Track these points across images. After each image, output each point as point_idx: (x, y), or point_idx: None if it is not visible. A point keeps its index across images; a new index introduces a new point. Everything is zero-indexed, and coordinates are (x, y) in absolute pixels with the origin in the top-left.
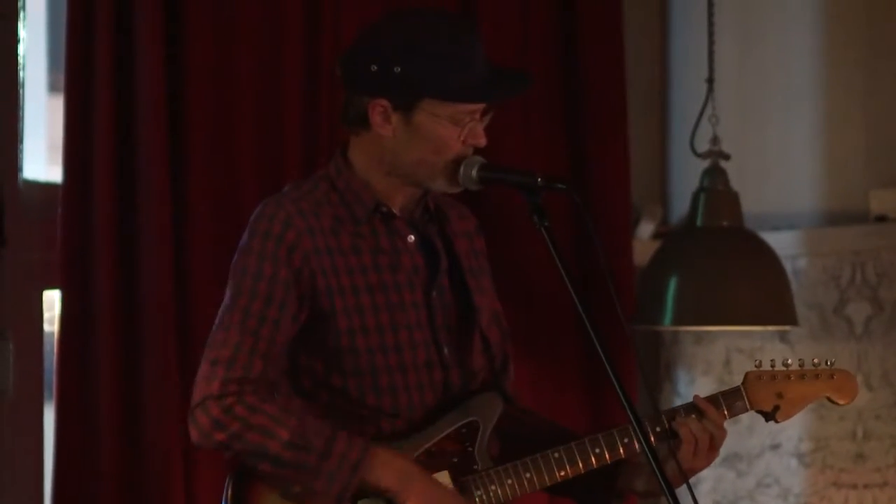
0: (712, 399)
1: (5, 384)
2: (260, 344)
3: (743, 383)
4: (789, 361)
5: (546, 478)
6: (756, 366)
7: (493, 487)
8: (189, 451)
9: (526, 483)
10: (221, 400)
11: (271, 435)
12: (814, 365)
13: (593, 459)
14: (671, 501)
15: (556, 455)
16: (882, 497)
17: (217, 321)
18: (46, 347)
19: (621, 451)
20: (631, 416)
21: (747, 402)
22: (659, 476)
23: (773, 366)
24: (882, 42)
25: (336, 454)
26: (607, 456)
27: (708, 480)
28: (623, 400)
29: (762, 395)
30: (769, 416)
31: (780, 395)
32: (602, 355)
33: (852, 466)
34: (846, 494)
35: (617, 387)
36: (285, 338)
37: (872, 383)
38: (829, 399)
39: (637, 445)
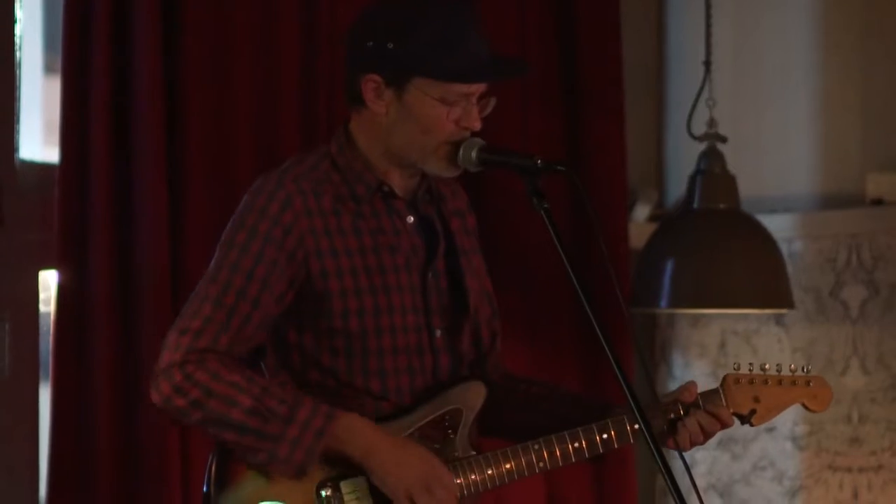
0: (694, 401)
1: (1, 364)
2: (233, 320)
3: (721, 385)
4: (766, 366)
5: (525, 469)
6: (735, 368)
7: (472, 476)
8: (186, 430)
9: (505, 473)
10: (183, 367)
11: (233, 402)
12: (791, 371)
13: (572, 454)
14: (670, 486)
15: (536, 447)
16: (877, 480)
17: (195, 290)
18: (43, 328)
19: (600, 447)
20: (630, 398)
21: (725, 404)
22: (656, 455)
23: (751, 369)
24: (879, 25)
25: (299, 421)
26: (586, 452)
27: (703, 463)
28: (622, 382)
29: (739, 399)
30: (745, 420)
31: (756, 399)
32: (601, 338)
33: (847, 449)
34: (841, 477)
35: (616, 369)
36: (263, 316)
37: (868, 367)
38: (803, 405)
39: (615, 442)
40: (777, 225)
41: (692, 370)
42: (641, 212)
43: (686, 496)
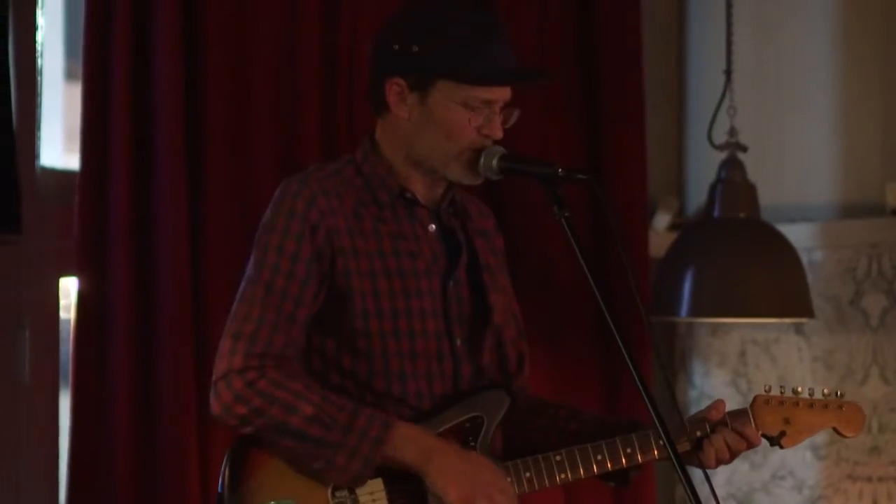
0: (721, 419)
1: (21, 371)
2: (282, 320)
3: (751, 405)
4: (799, 389)
5: (546, 479)
6: (766, 390)
7: None
8: (205, 436)
9: (525, 482)
10: (244, 374)
11: (294, 410)
12: (823, 395)
13: (595, 466)
14: (689, 495)
15: (558, 458)
16: None
17: (239, 295)
18: (63, 335)
19: (623, 460)
20: (648, 404)
21: (754, 425)
22: (676, 465)
23: (782, 391)
24: None
25: (358, 429)
26: (609, 464)
27: (723, 472)
28: (641, 389)
29: (769, 420)
30: (774, 441)
31: (787, 422)
32: (621, 346)
33: (867, 459)
34: (861, 487)
35: (636, 377)
36: (306, 315)
37: (888, 376)
38: (835, 430)
39: (640, 456)
40: (797, 234)
41: (712, 379)
42: (662, 220)
43: None
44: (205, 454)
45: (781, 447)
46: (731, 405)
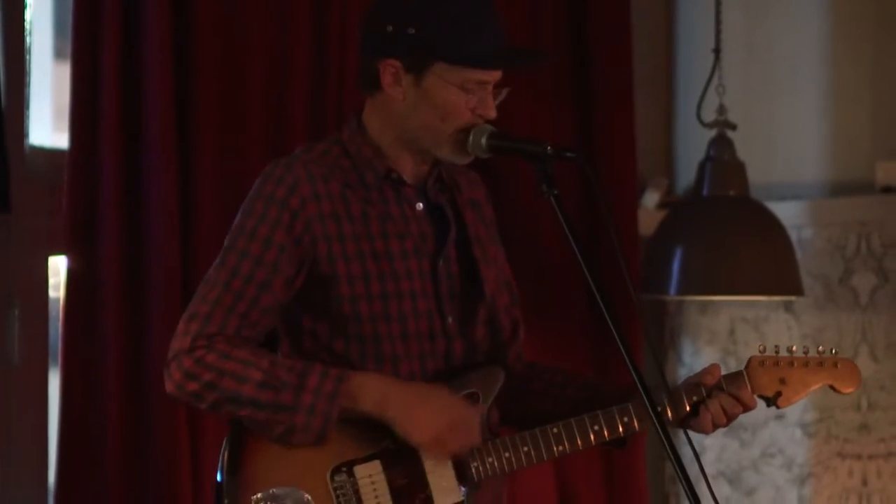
0: (717, 382)
1: (11, 351)
2: (240, 304)
3: (746, 367)
4: (794, 347)
5: (544, 453)
6: (760, 350)
7: (490, 459)
8: (195, 417)
9: (523, 457)
10: (193, 352)
11: (244, 378)
12: (818, 353)
13: (592, 437)
14: (678, 473)
15: (555, 431)
16: (886, 468)
17: (206, 276)
18: (52, 314)
19: (620, 429)
20: (638, 383)
21: (749, 387)
22: (665, 443)
23: (777, 351)
24: (889, 14)
25: (310, 387)
26: (606, 433)
27: (712, 450)
28: (631, 368)
29: (765, 381)
30: (770, 402)
31: (782, 381)
32: (611, 324)
33: (857, 437)
34: (850, 465)
35: (625, 355)
36: (272, 301)
37: (877, 354)
38: (831, 387)
39: (636, 424)
40: (786, 212)
41: (701, 357)
42: (651, 199)
43: (695, 483)
44: (195, 432)
45: (778, 407)
46: None
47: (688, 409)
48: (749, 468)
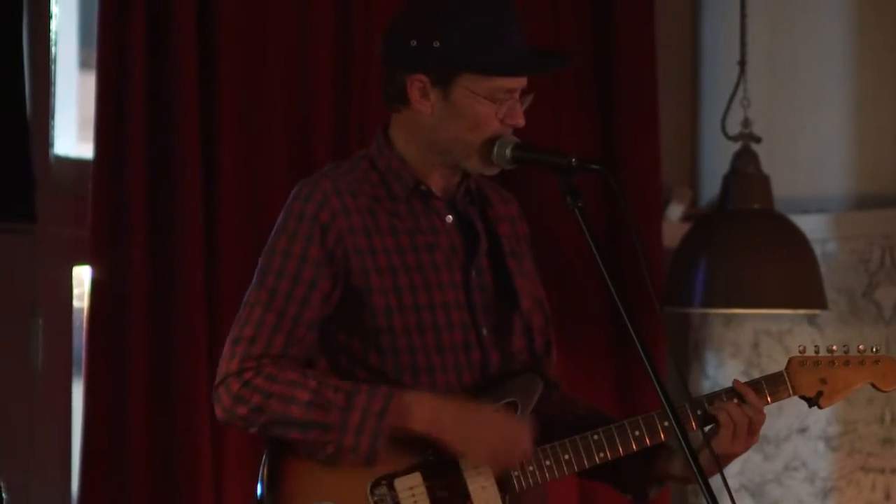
0: (754, 384)
1: (35, 360)
2: (283, 323)
3: (786, 368)
4: (834, 347)
5: (585, 460)
6: (800, 351)
7: (530, 468)
8: (218, 427)
9: (564, 465)
10: (241, 375)
11: (292, 399)
12: (859, 352)
13: (633, 443)
14: (703, 487)
15: (596, 437)
16: None
17: (244, 300)
18: (76, 324)
19: (661, 434)
20: (664, 399)
21: (790, 388)
22: (691, 460)
23: (816, 351)
24: None
25: (359, 407)
26: (647, 439)
27: (735, 463)
28: (656, 384)
29: (805, 381)
30: (812, 402)
31: (823, 381)
32: (634, 337)
33: (880, 450)
34: (874, 479)
35: (650, 370)
36: (313, 317)
37: None
38: (873, 385)
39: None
40: (810, 225)
41: (725, 370)
42: (675, 211)
43: (718, 496)
44: (218, 444)
45: (820, 407)
46: None
47: (693, 425)
48: (772, 481)
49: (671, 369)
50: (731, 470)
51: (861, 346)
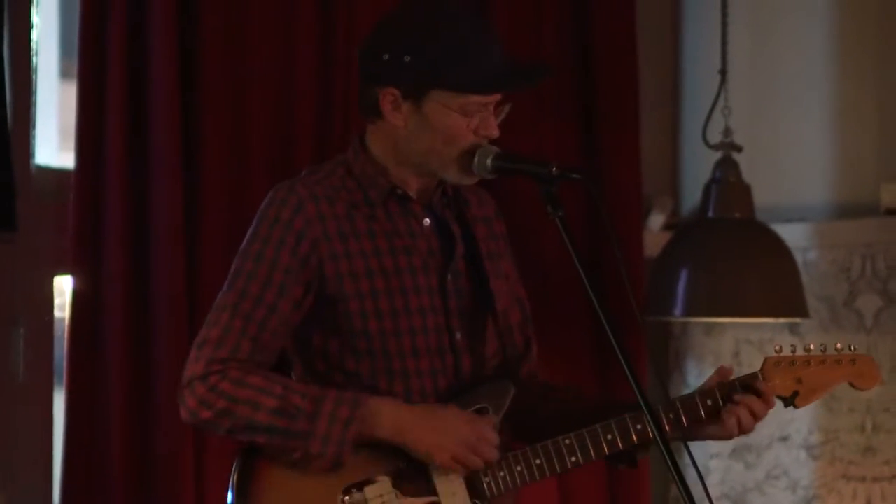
0: (728, 385)
1: (16, 369)
2: (250, 327)
3: (761, 369)
4: (811, 347)
5: (556, 465)
6: (776, 351)
7: (501, 474)
8: (199, 436)
9: (535, 470)
10: (206, 379)
11: (258, 406)
12: (836, 350)
13: (605, 447)
14: (683, 495)
15: (567, 442)
16: (891, 490)
17: (215, 302)
18: (57, 333)
19: (634, 437)
20: (643, 404)
21: (766, 386)
22: (670, 464)
23: (793, 351)
24: (895, 35)
25: (325, 414)
26: (619, 443)
27: (716, 472)
28: (635, 388)
29: (781, 381)
30: (788, 402)
31: (799, 381)
32: (615, 346)
33: (861, 459)
34: (855, 487)
35: (630, 377)
36: (282, 322)
37: (882, 376)
38: (851, 384)
39: (651, 432)
40: (792, 234)
41: (706, 379)
42: (656, 220)
43: None
44: (200, 453)
45: (796, 407)
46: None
47: (703, 415)
48: (754, 490)
49: (652, 378)
50: (713, 479)
51: (838, 345)
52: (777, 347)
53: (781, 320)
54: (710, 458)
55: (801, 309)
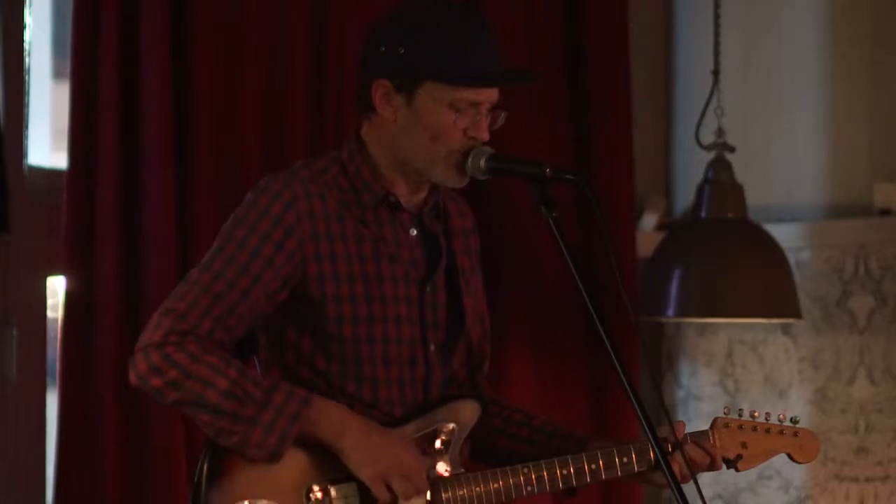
0: (683, 439)
1: (9, 370)
2: (217, 307)
3: (711, 428)
4: (756, 413)
5: (513, 490)
6: (725, 412)
7: (461, 492)
8: (192, 434)
9: (493, 493)
10: (163, 347)
11: (210, 384)
12: (779, 420)
13: (560, 481)
14: (676, 496)
15: (525, 470)
16: (884, 490)
17: (187, 275)
18: (50, 333)
19: (587, 477)
20: (637, 408)
21: (713, 446)
22: (664, 465)
23: (740, 414)
24: (887, 36)
25: (274, 405)
26: (573, 480)
27: (709, 473)
28: (629, 391)
29: (727, 442)
30: (731, 464)
31: (744, 445)
32: (608, 346)
33: (854, 460)
34: (847, 487)
35: (623, 379)
36: (251, 310)
37: (875, 377)
38: (789, 456)
39: (603, 473)
40: (784, 234)
41: (699, 379)
42: (649, 220)
43: None
44: (192, 453)
45: (738, 470)
46: (718, 405)
47: (652, 459)
48: (746, 490)
49: (645, 378)
50: (706, 479)
51: (781, 416)
52: (726, 409)
53: (774, 320)
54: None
55: (794, 309)
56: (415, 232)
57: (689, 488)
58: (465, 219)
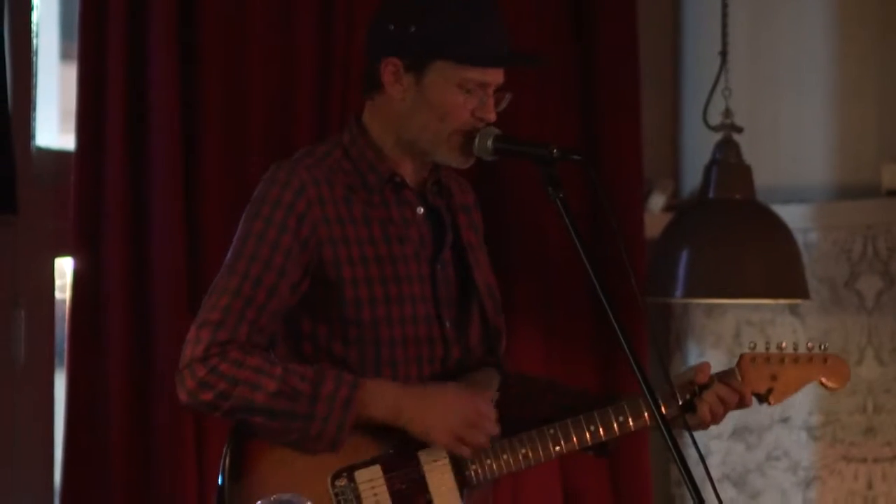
0: (709, 380)
1: (17, 352)
2: (250, 310)
3: (737, 364)
4: (783, 344)
5: (541, 454)
6: (750, 348)
7: (488, 461)
8: (200, 418)
9: (521, 459)
10: (207, 361)
11: (257, 387)
12: (808, 349)
13: (588, 436)
14: (684, 476)
15: (552, 431)
16: (892, 471)
17: (213, 283)
18: (58, 315)
19: (616, 429)
20: (644, 386)
21: (741, 383)
22: (671, 446)
23: (767, 348)
24: (895, 16)
25: (325, 396)
26: (602, 433)
27: (717, 453)
28: (637, 372)
29: (756, 377)
30: (762, 398)
31: (773, 378)
32: (616, 327)
33: (862, 440)
34: (856, 468)
35: (630, 357)
36: (280, 305)
37: (883, 357)
38: (821, 383)
39: (631, 423)
40: (792, 215)
41: (707, 360)
42: (657, 202)
43: (700, 486)
44: (201, 435)
45: (770, 403)
46: None
47: (681, 403)
48: (754, 471)
49: (653, 359)
50: (714, 460)
51: (810, 344)
52: (752, 345)
53: (782, 301)
54: (710, 439)
55: (802, 290)
56: (421, 210)
57: (696, 469)
58: (466, 195)
